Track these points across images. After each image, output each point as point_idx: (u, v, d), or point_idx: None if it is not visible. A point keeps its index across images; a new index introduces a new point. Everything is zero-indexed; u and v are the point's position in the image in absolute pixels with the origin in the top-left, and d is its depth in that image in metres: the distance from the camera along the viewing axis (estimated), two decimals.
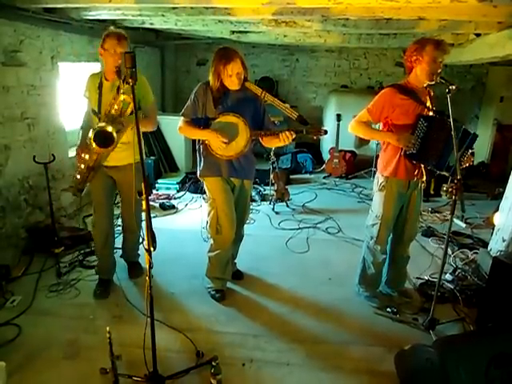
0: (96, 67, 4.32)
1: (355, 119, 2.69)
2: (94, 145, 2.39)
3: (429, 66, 2.40)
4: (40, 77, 3.75)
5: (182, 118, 2.73)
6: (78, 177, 2.71)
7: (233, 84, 2.57)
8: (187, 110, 2.70)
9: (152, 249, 1.83)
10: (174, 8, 3.51)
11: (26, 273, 3.16)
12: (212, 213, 2.76)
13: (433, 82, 2.46)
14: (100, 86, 2.61)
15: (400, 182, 2.64)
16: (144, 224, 1.87)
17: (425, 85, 2.52)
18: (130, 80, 1.85)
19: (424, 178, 2.67)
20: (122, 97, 2.33)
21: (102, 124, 2.40)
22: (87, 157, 2.60)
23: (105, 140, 2.38)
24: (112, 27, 2.77)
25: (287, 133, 2.53)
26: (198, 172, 2.80)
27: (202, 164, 2.76)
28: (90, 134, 2.38)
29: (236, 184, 2.81)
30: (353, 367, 2.32)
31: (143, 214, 1.87)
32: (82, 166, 2.67)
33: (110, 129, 2.37)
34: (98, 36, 2.66)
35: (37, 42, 3.70)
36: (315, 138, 2.70)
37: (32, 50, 3.63)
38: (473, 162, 2.57)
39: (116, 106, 2.43)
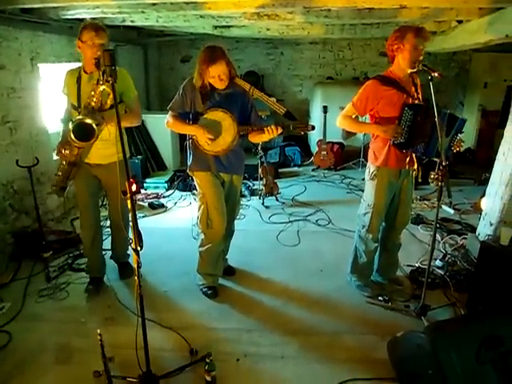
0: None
1: (342, 114, 2.68)
2: (74, 138, 2.34)
3: (410, 53, 2.40)
4: (20, 79, 3.68)
5: (170, 112, 2.70)
6: (60, 174, 2.67)
7: (216, 84, 2.55)
8: (175, 104, 2.68)
9: (139, 248, 1.81)
10: (153, 4, 3.45)
11: (14, 279, 3.11)
12: (202, 207, 2.75)
13: (415, 70, 2.46)
14: (78, 80, 2.56)
15: (391, 172, 2.65)
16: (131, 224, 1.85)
17: (408, 72, 2.52)
18: (110, 78, 1.82)
19: (415, 166, 2.67)
20: (101, 87, 2.28)
21: (81, 116, 2.35)
22: (68, 152, 2.55)
23: (84, 133, 2.33)
24: (89, 18, 2.70)
25: (273, 126, 2.51)
26: (188, 166, 2.79)
27: (191, 158, 2.74)
28: (70, 127, 2.33)
29: (225, 179, 2.80)
30: (346, 356, 2.33)
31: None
32: (64, 162, 2.63)
33: (89, 121, 2.32)
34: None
35: (15, 44, 3.62)
36: (302, 133, 2.70)
37: (10, 52, 3.56)
38: (462, 146, 2.58)
39: (95, 98, 2.38)
